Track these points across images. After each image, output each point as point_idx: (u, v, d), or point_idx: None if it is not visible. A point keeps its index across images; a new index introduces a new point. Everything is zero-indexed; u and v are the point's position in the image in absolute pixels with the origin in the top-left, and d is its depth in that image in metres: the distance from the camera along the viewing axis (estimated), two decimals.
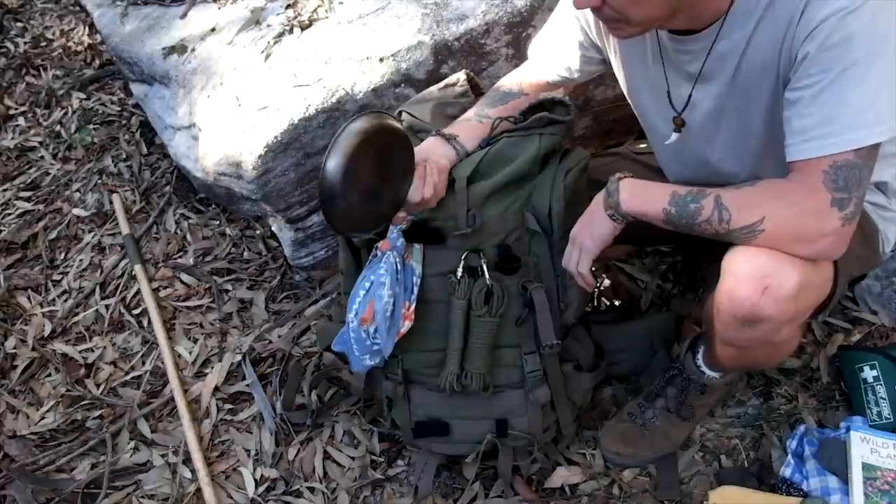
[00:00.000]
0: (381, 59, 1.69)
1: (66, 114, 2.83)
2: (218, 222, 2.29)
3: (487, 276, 1.33)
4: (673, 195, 1.14)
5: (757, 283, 1.08)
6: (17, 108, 2.91)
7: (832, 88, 1.01)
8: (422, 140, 1.41)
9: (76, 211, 2.43)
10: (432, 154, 1.31)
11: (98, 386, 1.89)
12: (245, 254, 2.18)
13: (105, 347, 1.98)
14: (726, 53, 1.14)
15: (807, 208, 1.05)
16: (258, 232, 2.21)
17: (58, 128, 2.78)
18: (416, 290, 1.34)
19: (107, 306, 2.09)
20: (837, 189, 1.03)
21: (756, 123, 1.19)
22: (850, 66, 0.99)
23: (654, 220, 1.17)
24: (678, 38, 1.18)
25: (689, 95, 1.23)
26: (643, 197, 1.18)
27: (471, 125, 1.40)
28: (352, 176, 1.13)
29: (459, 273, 1.34)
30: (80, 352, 1.98)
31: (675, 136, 1.31)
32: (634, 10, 1.06)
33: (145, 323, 2.03)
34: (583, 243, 1.25)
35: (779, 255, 1.08)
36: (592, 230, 1.23)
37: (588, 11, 1.19)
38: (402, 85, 1.71)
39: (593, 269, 1.33)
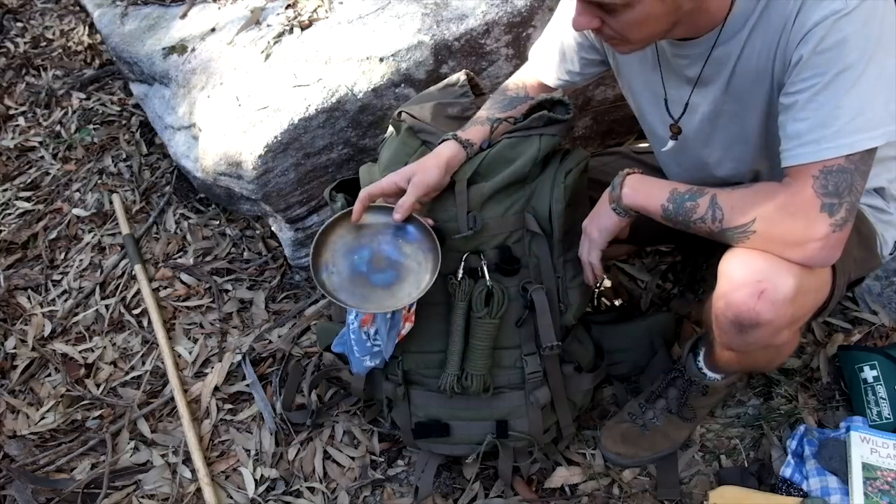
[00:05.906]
0: (381, 59, 1.69)
1: (66, 114, 2.83)
2: (218, 222, 2.29)
3: (488, 277, 1.34)
4: (672, 192, 1.16)
5: (753, 287, 1.08)
6: (17, 108, 2.91)
7: (826, 92, 1.00)
8: (423, 140, 1.41)
9: (76, 211, 2.43)
10: (419, 170, 1.29)
11: (98, 386, 1.89)
12: (245, 254, 2.18)
13: (105, 347, 1.98)
14: (722, 58, 1.13)
15: (794, 212, 1.04)
16: (258, 232, 2.21)
17: (58, 128, 2.78)
18: None
19: (107, 306, 2.09)
20: (827, 194, 1.02)
21: (752, 127, 1.19)
22: (844, 70, 0.98)
23: (653, 216, 1.20)
24: (677, 42, 1.18)
25: (687, 101, 1.23)
26: (644, 192, 1.20)
27: (484, 129, 1.39)
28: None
29: (460, 275, 1.34)
30: (80, 352, 1.98)
31: (671, 143, 1.32)
32: (634, 32, 1.07)
33: (145, 323, 2.03)
34: (591, 235, 1.29)
35: (775, 258, 1.07)
36: (599, 222, 1.28)
37: None
38: (402, 85, 1.71)
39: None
